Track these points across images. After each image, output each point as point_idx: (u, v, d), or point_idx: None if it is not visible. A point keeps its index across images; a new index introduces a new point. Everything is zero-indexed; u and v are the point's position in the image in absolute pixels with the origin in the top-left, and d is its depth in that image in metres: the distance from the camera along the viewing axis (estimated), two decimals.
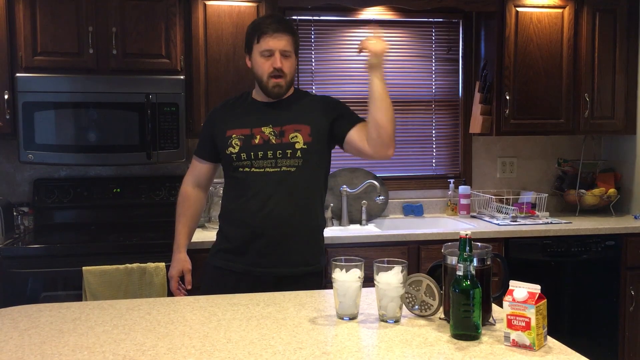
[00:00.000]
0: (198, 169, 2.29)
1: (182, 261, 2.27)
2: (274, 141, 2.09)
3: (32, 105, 2.96)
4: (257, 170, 2.08)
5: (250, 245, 2.09)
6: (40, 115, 2.97)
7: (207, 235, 2.89)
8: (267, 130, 2.10)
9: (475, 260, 1.49)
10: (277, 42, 2.07)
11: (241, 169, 2.10)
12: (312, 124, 2.11)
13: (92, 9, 3.03)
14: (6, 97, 2.97)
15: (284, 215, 2.07)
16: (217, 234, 2.24)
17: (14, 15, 2.98)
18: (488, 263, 1.56)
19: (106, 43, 3.04)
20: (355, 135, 2.11)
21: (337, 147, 2.21)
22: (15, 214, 3.11)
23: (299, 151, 2.08)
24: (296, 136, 2.09)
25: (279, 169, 2.08)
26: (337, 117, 2.15)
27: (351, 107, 2.23)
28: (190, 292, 2.19)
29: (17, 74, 2.96)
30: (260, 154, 2.08)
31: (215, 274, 2.15)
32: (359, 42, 2.08)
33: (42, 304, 1.79)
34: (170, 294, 2.37)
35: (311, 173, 2.13)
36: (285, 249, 2.09)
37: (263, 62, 2.09)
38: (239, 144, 2.10)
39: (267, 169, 2.07)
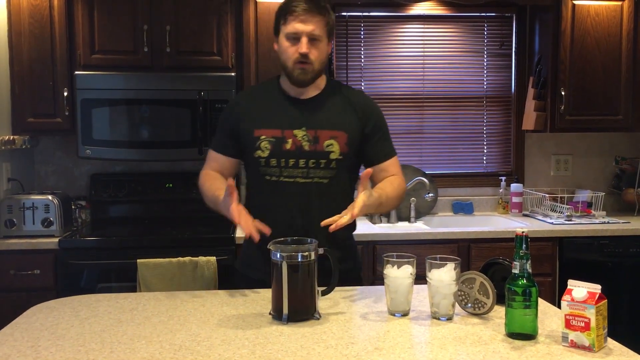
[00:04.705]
0: (219, 162, 2.02)
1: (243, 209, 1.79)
2: (307, 148, 1.89)
3: (89, 102, 3.05)
4: (287, 180, 1.89)
5: None
6: (98, 112, 3.06)
7: None
8: (299, 134, 1.90)
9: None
10: (305, 25, 1.84)
11: (268, 177, 1.91)
12: (350, 132, 1.92)
13: (147, 7, 3.10)
14: (65, 94, 3.07)
15: (315, 230, 1.82)
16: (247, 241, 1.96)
17: (73, 15, 3.08)
18: (312, 258, 1.56)
19: (160, 41, 3.11)
20: (382, 172, 1.96)
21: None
22: (73, 207, 3.21)
23: (333, 162, 1.90)
24: (332, 144, 1.89)
25: (310, 180, 1.89)
26: (373, 134, 1.96)
27: (401, 103, 2.03)
28: None
29: (76, 72, 3.06)
30: (291, 161, 1.89)
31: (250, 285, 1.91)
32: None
33: (100, 294, 1.85)
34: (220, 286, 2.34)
35: (344, 184, 1.96)
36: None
37: (288, 46, 1.88)
38: (268, 147, 1.89)
39: (298, 179, 1.89)
